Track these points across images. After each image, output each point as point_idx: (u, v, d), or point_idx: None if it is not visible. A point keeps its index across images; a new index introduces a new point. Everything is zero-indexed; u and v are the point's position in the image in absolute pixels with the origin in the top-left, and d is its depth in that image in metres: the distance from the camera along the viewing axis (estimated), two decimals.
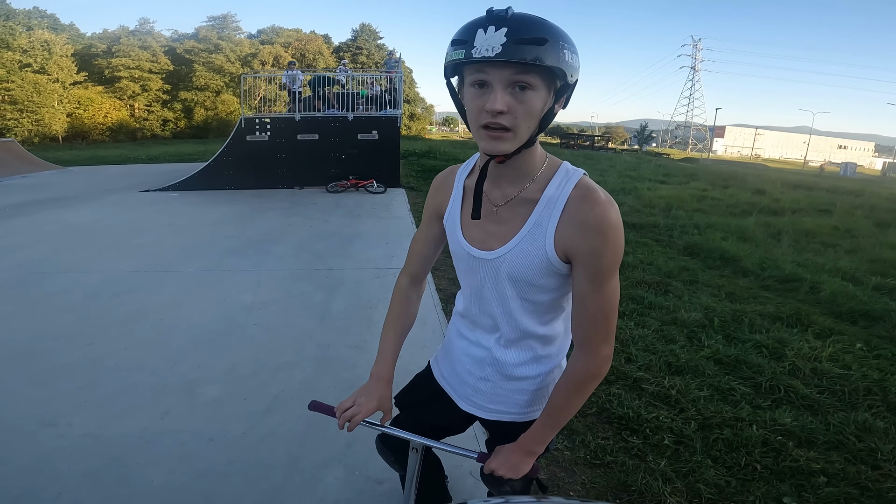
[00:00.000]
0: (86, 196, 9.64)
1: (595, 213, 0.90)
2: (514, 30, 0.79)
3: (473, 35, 0.81)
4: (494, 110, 0.83)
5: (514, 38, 0.79)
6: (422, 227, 1.23)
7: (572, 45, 0.85)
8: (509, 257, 0.98)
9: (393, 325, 1.22)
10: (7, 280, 4.50)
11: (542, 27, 0.81)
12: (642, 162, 24.56)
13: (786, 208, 10.45)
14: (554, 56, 0.81)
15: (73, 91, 36.51)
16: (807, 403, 2.69)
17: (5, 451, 2.15)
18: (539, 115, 0.87)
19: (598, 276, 0.92)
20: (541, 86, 0.84)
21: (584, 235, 0.91)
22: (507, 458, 1.06)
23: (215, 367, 2.95)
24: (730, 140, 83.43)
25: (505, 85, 0.83)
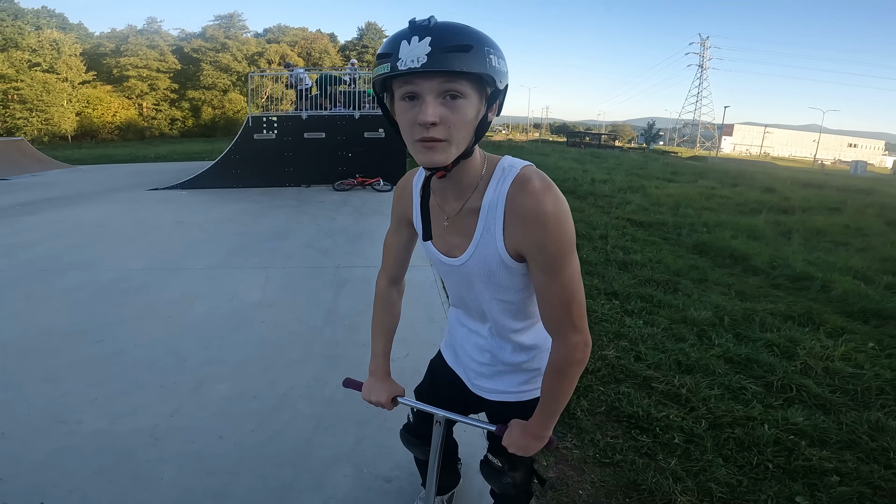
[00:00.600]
0: (95, 194, 9.73)
1: (530, 206, 0.89)
2: (438, 39, 0.78)
3: (398, 47, 0.79)
4: (427, 122, 0.81)
5: (438, 47, 0.77)
6: (391, 231, 1.25)
7: (498, 51, 0.84)
8: (471, 263, 1.00)
9: (380, 327, 1.29)
10: (18, 277, 4.54)
11: (466, 34, 0.80)
12: (650, 160, 24.43)
13: (796, 207, 10.36)
14: (481, 62, 0.80)
15: (81, 90, 36.83)
16: (819, 403, 2.66)
17: (17, 448, 2.17)
18: (473, 123, 0.86)
19: (549, 265, 0.92)
20: (471, 93, 0.83)
21: (526, 229, 0.91)
22: (519, 438, 1.11)
23: (225, 365, 2.96)
24: (738, 138, 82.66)
25: (435, 95, 0.81)
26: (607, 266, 5.23)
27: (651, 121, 66.65)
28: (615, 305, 4.04)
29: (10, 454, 2.13)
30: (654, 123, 66.00)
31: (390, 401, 1.23)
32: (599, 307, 3.93)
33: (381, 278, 1.31)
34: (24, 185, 10.91)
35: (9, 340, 3.23)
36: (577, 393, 2.67)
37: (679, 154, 46.61)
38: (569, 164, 17.27)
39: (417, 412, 1.40)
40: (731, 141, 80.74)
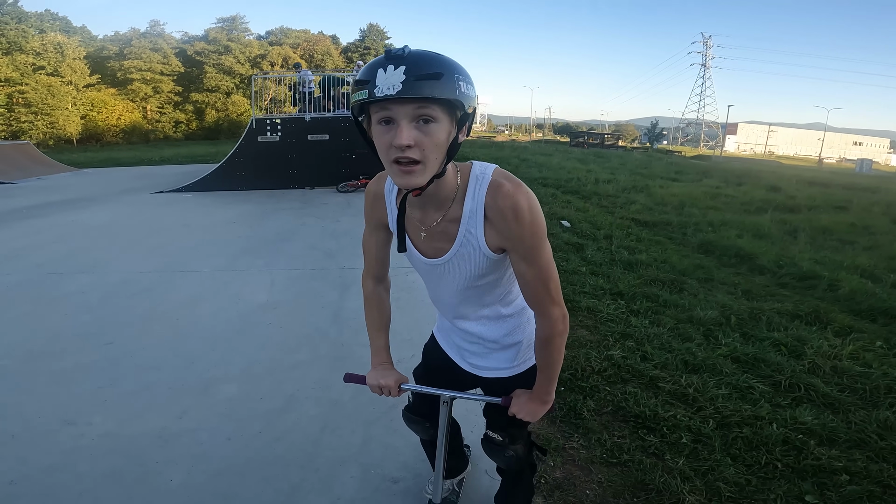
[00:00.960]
0: (101, 197, 9.79)
1: (506, 206, 1.00)
2: (412, 67, 0.85)
3: (375, 75, 0.86)
4: (402, 145, 0.88)
5: (412, 75, 0.85)
6: (368, 234, 1.31)
7: (467, 77, 0.92)
8: (455, 261, 1.11)
9: (375, 325, 1.38)
10: (26, 281, 4.57)
11: (437, 63, 0.87)
12: (653, 160, 24.35)
13: (802, 205, 10.31)
14: (451, 89, 0.88)
15: (86, 93, 37.00)
16: (827, 402, 2.65)
17: (28, 451, 2.19)
18: (445, 145, 0.93)
19: (527, 254, 1.04)
20: (443, 117, 0.90)
21: (506, 226, 1.02)
22: (526, 404, 1.22)
23: (231, 367, 2.97)
24: (742, 137, 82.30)
25: (409, 119, 0.88)
26: (612, 266, 5.22)
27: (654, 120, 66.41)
28: (621, 305, 4.03)
29: (21, 457, 2.14)
30: (657, 123, 65.76)
31: (397, 386, 1.29)
32: (605, 307, 3.92)
33: (366, 279, 1.38)
34: (30, 189, 10.99)
35: (18, 343, 3.25)
36: (584, 393, 2.67)
37: (683, 153, 46.47)
38: (572, 164, 17.23)
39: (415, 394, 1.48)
40: (735, 140, 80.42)
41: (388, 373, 1.31)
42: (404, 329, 3.38)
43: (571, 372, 2.87)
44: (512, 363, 1.31)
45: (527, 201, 1.00)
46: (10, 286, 4.41)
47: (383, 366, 1.33)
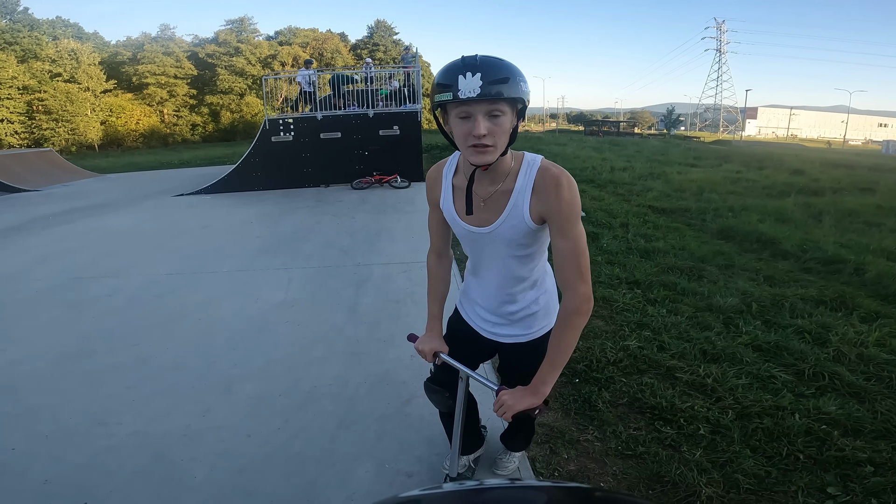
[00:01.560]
0: (124, 202, 10.03)
1: (550, 182, 1.22)
2: (486, 73, 1.07)
3: (456, 80, 1.08)
4: (479, 135, 1.11)
5: (487, 81, 1.07)
6: (431, 213, 1.53)
7: (524, 77, 1.13)
8: (500, 229, 1.31)
9: (433, 294, 1.59)
10: (55, 286, 4.72)
11: (504, 68, 1.09)
12: (671, 146, 23.87)
13: (826, 188, 10.01)
14: (515, 89, 1.10)
15: (104, 99, 37.80)
16: (853, 391, 2.58)
17: (61, 450, 2.27)
18: (509, 131, 1.16)
19: (563, 226, 1.23)
20: (508, 111, 1.14)
21: (549, 200, 1.22)
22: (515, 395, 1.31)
23: (251, 365, 3.03)
24: (763, 121, 79.96)
25: (483, 115, 1.11)
26: (628, 255, 5.16)
27: (670, 106, 65.04)
28: (637, 294, 3.98)
29: (55, 456, 2.23)
30: (673, 109, 64.40)
31: (431, 353, 1.49)
32: (621, 296, 3.88)
33: (430, 253, 1.60)
34: (56, 196, 11.31)
35: (51, 347, 3.37)
36: (599, 385, 2.65)
37: (702, 139, 45.45)
38: (587, 153, 17.00)
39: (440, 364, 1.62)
40: (755, 124, 78.20)
41: (431, 340, 1.51)
42: (420, 323, 3.40)
43: (586, 363, 2.86)
44: (530, 329, 1.49)
45: (567, 181, 1.22)
46: (41, 291, 4.56)
47: (431, 333, 1.53)
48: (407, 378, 2.76)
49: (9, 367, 3.12)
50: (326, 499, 1.92)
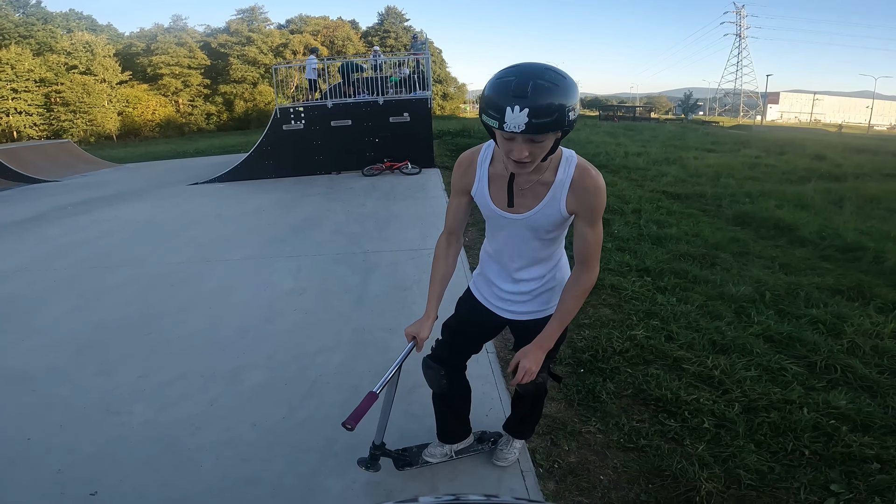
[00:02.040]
0: (141, 192, 10.18)
1: (591, 184, 1.34)
2: (535, 110, 1.09)
3: (503, 112, 1.11)
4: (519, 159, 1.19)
5: (534, 117, 1.09)
6: (453, 198, 1.59)
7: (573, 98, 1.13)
8: (536, 217, 1.42)
9: (435, 275, 1.65)
10: (73, 276, 4.83)
11: (553, 102, 1.10)
12: (688, 131, 23.39)
13: (848, 174, 9.73)
14: (560, 122, 1.13)
15: (120, 90, 38.28)
16: (865, 385, 2.52)
17: (74, 440, 2.32)
18: (548, 149, 1.22)
19: (592, 220, 1.39)
20: (551, 136, 1.17)
21: (586, 197, 1.35)
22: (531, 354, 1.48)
23: (259, 354, 3.07)
24: (786, 106, 77.70)
25: (525, 140, 1.16)
26: (639, 241, 5.08)
27: (688, 91, 63.47)
28: (647, 282, 3.93)
29: (68, 446, 2.27)
30: (691, 94, 62.84)
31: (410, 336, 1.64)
32: (630, 284, 3.83)
33: (442, 235, 1.66)
34: (74, 186, 11.53)
35: (67, 337, 3.45)
36: (604, 375, 2.63)
37: (720, 123, 44.33)
38: (601, 137, 16.73)
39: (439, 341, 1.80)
40: (777, 109, 76.07)
41: (418, 325, 1.62)
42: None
43: (592, 353, 2.83)
44: (546, 305, 1.60)
45: (602, 184, 1.35)
46: (59, 281, 4.67)
47: (423, 317, 1.63)
48: (411, 367, 2.72)
49: (27, 356, 3.20)
50: (327, 488, 1.94)
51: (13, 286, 4.60)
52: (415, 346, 1.64)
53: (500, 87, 1.12)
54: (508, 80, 1.11)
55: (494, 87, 1.13)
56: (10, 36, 34.13)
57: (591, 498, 1.87)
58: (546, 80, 1.10)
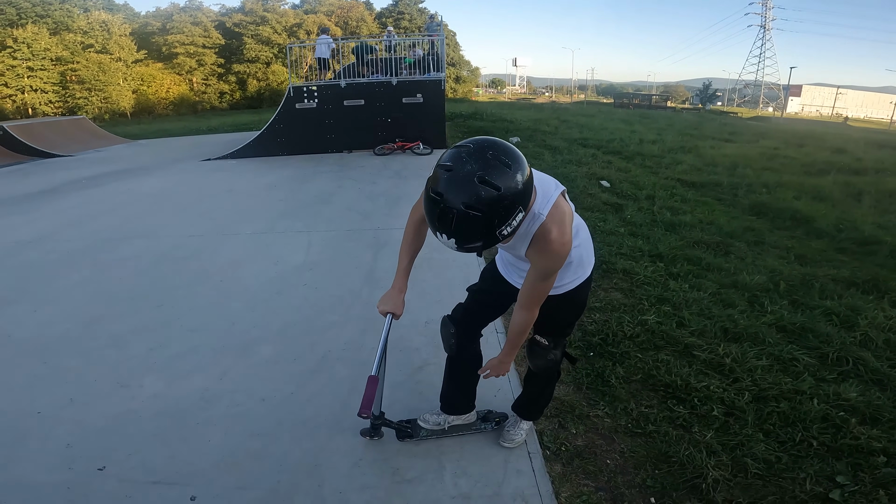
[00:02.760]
0: (154, 166, 10.23)
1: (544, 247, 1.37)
2: (459, 240, 1.17)
3: (435, 232, 1.20)
4: None
5: (463, 246, 1.18)
6: None
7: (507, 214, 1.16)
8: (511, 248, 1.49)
9: (407, 249, 1.72)
10: (86, 247, 4.87)
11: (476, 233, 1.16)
12: (705, 121, 22.97)
13: (868, 168, 9.50)
14: (491, 240, 1.20)
15: (135, 69, 38.40)
16: (876, 378, 2.49)
17: (85, 414, 2.31)
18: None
19: (540, 275, 1.44)
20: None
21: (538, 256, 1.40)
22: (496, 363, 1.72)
23: (269, 328, 3.09)
24: (808, 99, 75.45)
25: None
26: (653, 227, 5.03)
27: (707, 81, 62.00)
28: (659, 268, 3.89)
29: (78, 420, 2.26)
30: (710, 84, 61.35)
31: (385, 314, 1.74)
32: (642, 269, 3.79)
33: (415, 212, 1.69)
34: (88, 161, 11.59)
35: (79, 308, 3.47)
36: (613, 359, 2.62)
37: (739, 114, 43.44)
38: (615, 124, 16.48)
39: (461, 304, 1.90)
40: (799, 101, 74.04)
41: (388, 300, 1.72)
42: (434, 290, 3.42)
43: (602, 337, 2.82)
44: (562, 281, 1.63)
45: (558, 251, 1.36)
46: (73, 252, 4.72)
47: (393, 291, 1.72)
48: (420, 345, 2.77)
49: (40, 327, 3.20)
50: (334, 464, 1.95)
51: (27, 256, 4.65)
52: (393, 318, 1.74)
53: (429, 204, 1.18)
54: (435, 201, 1.16)
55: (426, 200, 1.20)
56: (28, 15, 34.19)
57: (598, 481, 1.87)
58: (472, 209, 1.11)
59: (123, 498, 1.83)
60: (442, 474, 1.89)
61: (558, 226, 1.34)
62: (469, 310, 1.87)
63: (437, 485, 1.85)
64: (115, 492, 1.86)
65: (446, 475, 1.88)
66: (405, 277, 1.73)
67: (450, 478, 1.87)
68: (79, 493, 1.87)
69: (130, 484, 1.89)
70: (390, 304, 1.70)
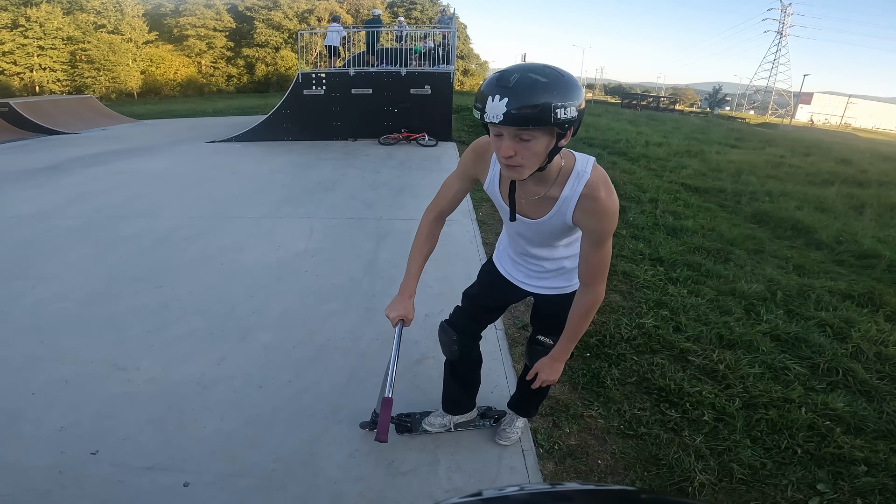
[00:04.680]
0: (158, 147, 10.22)
1: (597, 208, 1.27)
2: (514, 100, 1.03)
3: (485, 101, 1.07)
4: (505, 156, 1.13)
5: (512, 107, 1.04)
6: (456, 177, 1.54)
7: (566, 97, 1.05)
8: (542, 224, 1.39)
9: (419, 251, 1.61)
10: (87, 224, 4.89)
11: (536, 94, 1.03)
12: (712, 125, 22.85)
13: (873, 180, 9.47)
14: (545, 118, 1.04)
15: (145, 50, 38.27)
16: (864, 389, 2.52)
17: (80, 396, 2.28)
18: (543, 153, 1.14)
19: (597, 241, 1.31)
20: (540, 135, 1.10)
21: (592, 219, 1.29)
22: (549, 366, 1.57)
23: (269, 314, 3.09)
24: (818, 107, 74.98)
25: (511, 136, 1.10)
26: (655, 231, 5.04)
27: (717, 85, 61.54)
28: (659, 272, 3.91)
29: (73, 402, 2.24)
30: (720, 88, 60.92)
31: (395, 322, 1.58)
32: (642, 273, 3.82)
33: (430, 211, 1.60)
34: (92, 139, 11.58)
35: (78, 286, 3.46)
36: (609, 361, 2.65)
37: (747, 120, 43.25)
38: (622, 125, 16.39)
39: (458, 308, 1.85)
40: (808, 110, 73.55)
41: (398, 306, 1.57)
42: (435, 282, 3.43)
43: (599, 338, 2.84)
44: (570, 282, 1.60)
45: (613, 206, 1.27)
46: (74, 229, 4.73)
47: (402, 295, 1.59)
48: (419, 338, 2.77)
49: (38, 305, 3.17)
50: (329, 455, 1.96)
51: (27, 232, 4.65)
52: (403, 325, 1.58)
53: (489, 79, 1.11)
54: (497, 73, 1.09)
55: (484, 82, 1.12)
56: None
57: (588, 482, 1.90)
58: (535, 74, 1.05)
59: (115, 483, 1.82)
60: (437, 468, 1.91)
61: (604, 184, 1.27)
62: (469, 314, 1.82)
63: (431, 479, 1.87)
64: (108, 476, 1.84)
65: (441, 469, 1.91)
66: (415, 281, 1.60)
67: (444, 472, 1.90)
68: (70, 476, 1.84)
69: (123, 469, 1.87)
70: (402, 310, 1.56)
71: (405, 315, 1.56)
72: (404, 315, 1.56)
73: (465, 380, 1.96)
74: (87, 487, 1.81)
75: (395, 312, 1.56)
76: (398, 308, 1.56)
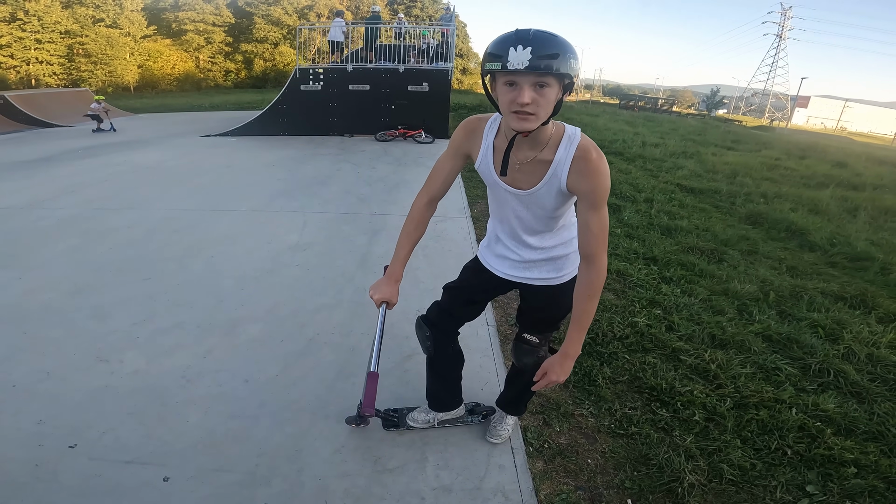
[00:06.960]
0: (153, 140, 10.15)
1: (591, 168, 1.30)
2: (537, 48, 1.12)
3: (506, 51, 1.13)
4: (524, 103, 1.17)
5: (537, 55, 1.12)
6: (448, 157, 1.55)
7: (575, 54, 1.17)
8: (539, 193, 1.40)
9: (408, 237, 1.62)
10: (78, 214, 4.83)
11: (555, 44, 1.13)
12: (709, 127, 22.89)
13: (867, 183, 9.51)
14: (564, 65, 1.14)
15: (143, 44, 38.09)
16: (855, 390, 2.51)
17: (62, 388, 2.25)
18: (553, 103, 1.21)
19: (594, 203, 1.32)
20: (555, 84, 1.17)
21: (586, 180, 1.31)
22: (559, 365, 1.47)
23: (258, 307, 3.06)
24: (814, 111, 75.24)
25: (529, 85, 1.16)
26: (649, 230, 5.04)
27: (715, 87, 61.63)
28: (653, 271, 3.90)
29: (53, 394, 2.20)
30: (718, 90, 61.01)
31: (379, 303, 1.60)
32: (635, 272, 3.80)
33: (422, 196, 1.61)
34: (87, 132, 11.48)
35: (64, 277, 3.41)
36: (601, 359, 2.63)
37: (743, 122, 43.40)
38: (619, 125, 16.41)
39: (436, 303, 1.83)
40: (805, 113, 73.79)
41: (383, 288, 1.60)
42: (428, 278, 3.41)
43: (591, 336, 2.82)
44: (561, 272, 1.58)
45: (604, 166, 1.31)
46: (63, 220, 4.67)
47: (389, 279, 1.61)
48: (409, 333, 2.73)
49: (23, 296, 3.12)
50: (315, 450, 1.93)
51: (17, 222, 4.60)
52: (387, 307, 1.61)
53: (502, 37, 1.17)
54: (510, 32, 1.17)
55: (495, 40, 1.18)
56: None
57: (577, 480, 1.88)
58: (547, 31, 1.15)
59: (93, 477, 1.78)
60: (424, 465, 1.89)
61: (594, 147, 1.31)
62: (445, 310, 1.79)
63: (418, 476, 1.84)
64: (85, 470, 1.81)
65: (428, 467, 1.88)
66: (402, 266, 1.62)
67: (432, 469, 1.87)
68: (47, 470, 1.81)
69: (101, 463, 1.84)
70: (386, 292, 1.59)
71: (389, 298, 1.60)
72: (388, 298, 1.60)
73: (445, 378, 1.94)
74: (63, 481, 1.77)
75: (378, 294, 1.60)
76: (383, 290, 1.60)
